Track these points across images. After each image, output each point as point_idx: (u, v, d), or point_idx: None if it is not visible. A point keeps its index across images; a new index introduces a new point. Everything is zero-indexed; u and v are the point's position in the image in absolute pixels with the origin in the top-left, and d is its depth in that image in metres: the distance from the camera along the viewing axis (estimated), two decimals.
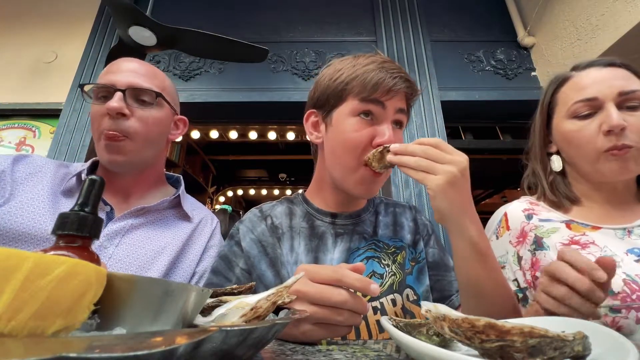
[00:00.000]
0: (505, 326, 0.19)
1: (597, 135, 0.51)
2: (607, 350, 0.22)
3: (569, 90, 0.57)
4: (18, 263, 0.15)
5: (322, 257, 0.55)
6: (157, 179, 0.69)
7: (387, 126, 0.51)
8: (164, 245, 0.60)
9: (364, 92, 0.50)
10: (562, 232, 0.54)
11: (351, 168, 0.52)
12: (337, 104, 0.54)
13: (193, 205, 0.72)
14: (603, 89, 0.51)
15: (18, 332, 0.15)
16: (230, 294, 0.33)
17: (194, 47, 1.33)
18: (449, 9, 1.98)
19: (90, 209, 0.25)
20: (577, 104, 0.53)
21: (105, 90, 0.58)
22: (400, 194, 1.53)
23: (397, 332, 0.25)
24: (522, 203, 0.63)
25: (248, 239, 0.57)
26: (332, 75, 0.55)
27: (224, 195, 4.61)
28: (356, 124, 0.51)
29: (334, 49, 1.88)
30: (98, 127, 0.57)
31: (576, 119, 0.54)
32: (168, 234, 0.62)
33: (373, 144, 0.51)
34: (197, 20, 1.89)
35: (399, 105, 0.52)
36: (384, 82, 0.49)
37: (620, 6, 1.31)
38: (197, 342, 0.14)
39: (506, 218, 0.62)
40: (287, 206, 0.63)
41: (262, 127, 3.09)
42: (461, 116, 1.84)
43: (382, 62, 0.52)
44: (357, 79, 0.51)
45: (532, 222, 0.58)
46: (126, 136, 0.57)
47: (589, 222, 0.54)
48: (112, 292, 0.19)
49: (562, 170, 0.60)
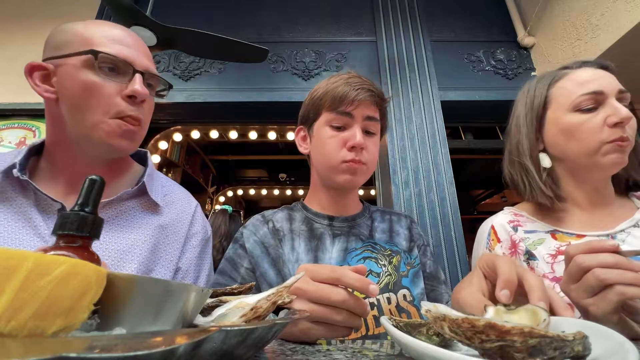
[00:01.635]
0: (505, 326, 0.19)
1: (602, 127, 0.51)
2: (607, 350, 0.22)
3: (569, 84, 0.57)
4: (18, 263, 0.15)
5: (321, 256, 0.59)
6: (122, 164, 0.58)
7: (357, 130, 0.58)
8: (129, 246, 0.50)
9: (334, 105, 0.59)
10: (548, 243, 0.55)
11: (332, 166, 0.59)
12: (316, 118, 0.63)
13: (165, 187, 0.60)
14: (606, 84, 0.53)
15: (18, 332, 0.15)
16: (230, 294, 0.33)
17: (194, 47, 1.33)
18: (449, 9, 1.98)
19: (91, 209, 0.25)
20: (582, 97, 0.54)
21: (117, 64, 0.48)
22: (400, 194, 1.53)
23: (397, 332, 0.25)
24: (507, 215, 0.64)
25: (251, 241, 0.61)
26: (311, 94, 0.64)
27: (224, 195, 4.61)
28: (330, 131, 0.60)
29: (334, 49, 1.88)
30: (105, 107, 0.47)
31: (579, 112, 0.54)
32: (133, 231, 0.51)
33: (347, 146, 0.58)
34: (197, 20, 1.89)
35: (367, 113, 0.59)
36: (348, 94, 0.57)
37: (620, 6, 1.31)
38: (197, 342, 0.14)
39: (494, 231, 0.62)
40: (287, 212, 0.67)
41: (262, 127, 3.09)
42: (461, 116, 1.84)
43: (348, 78, 0.60)
44: (327, 95, 0.60)
45: (518, 234, 0.59)
46: (141, 124, 0.51)
47: (573, 230, 0.55)
48: (112, 292, 0.19)
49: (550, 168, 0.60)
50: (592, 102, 0.53)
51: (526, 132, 0.61)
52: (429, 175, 1.57)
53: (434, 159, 1.59)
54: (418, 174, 1.57)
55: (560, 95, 0.57)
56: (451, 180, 1.56)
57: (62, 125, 0.49)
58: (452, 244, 1.45)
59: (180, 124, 2.03)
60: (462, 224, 1.50)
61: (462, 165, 3.45)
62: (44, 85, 0.48)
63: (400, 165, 1.59)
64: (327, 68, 1.84)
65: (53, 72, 0.48)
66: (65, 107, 0.48)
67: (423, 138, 1.63)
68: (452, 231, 1.47)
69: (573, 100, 0.55)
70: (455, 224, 1.49)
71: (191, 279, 0.56)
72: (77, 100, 0.47)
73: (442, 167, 1.57)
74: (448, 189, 1.54)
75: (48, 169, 0.52)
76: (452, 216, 1.50)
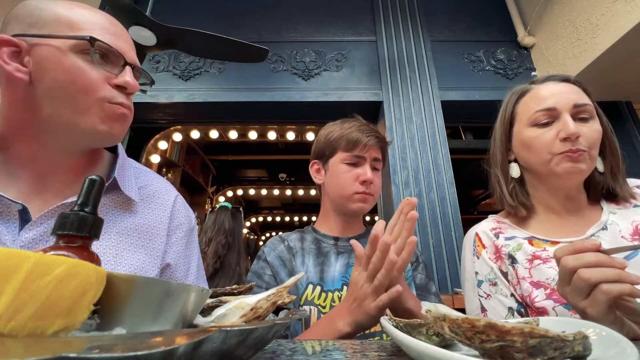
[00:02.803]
0: (505, 326, 0.19)
1: (554, 141, 0.56)
2: (607, 350, 0.22)
3: (530, 101, 0.61)
4: (18, 263, 0.15)
5: (327, 269, 0.68)
6: (91, 156, 0.52)
7: (367, 169, 0.71)
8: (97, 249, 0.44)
9: (348, 147, 0.72)
10: (526, 248, 0.58)
11: (347, 196, 0.71)
12: (331, 155, 0.75)
13: (140, 179, 0.55)
14: (560, 101, 0.57)
15: (18, 332, 0.15)
16: (230, 294, 0.33)
17: (194, 46, 1.33)
18: (449, 9, 1.98)
19: (90, 209, 0.25)
20: (537, 113, 0.58)
21: (107, 53, 0.46)
22: (400, 194, 1.53)
23: (397, 332, 0.25)
24: (490, 222, 0.67)
25: (272, 255, 0.72)
26: (327, 135, 0.76)
27: (223, 195, 4.61)
28: (345, 167, 0.72)
29: (334, 49, 1.88)
30: (98, 93, 0.44)
31: (536, 126, 0.59)
32: (104, 232, 0.46)
33: (359, 181, 0.70)
34: (197, 20, 1.89)
35: (374, 155, 0.73)
36: (361, 139, 0.71)
37: (620, 6, 1.31)
38: (197, 342, 0.14)
39: (479, 238, 0.65)
40: (299, 234, 0.78)
41: (262, 127, 3.09)
42: (461, 116, 1.84)
43: (359, 125, 0.73)
44: (343, 138, 0.73)
45: (499, 240, 0.62)
46: (131, 112, 0.50)
47: (548, 237, 0.58)
48: (112, 292, 0.19)
49: (520, 178, 0.64)
50: (546, 117, 0.57)
51: (499, 144, 0.67)
52: (429, 175, 1.57)
53: (434, 159, 1.59)
54: (418, 174, 1.57)
55: (522, 112, 0.62)
56: (451, 180, 1.56)
57: (31, 111, 0.44)
58: (452, 244, 1.46)
59: (180, 123, 2.03)
60: (462, 224, 1.50)
61: (462, 165, 3.45)
62: (14, 63, 0.43)
63: (400, 165, 1.59)
64: (327, 68, 1.84)
65: (26, 51, 0.43)
66: (44, 91, 0.43)
67: (423, 138, 1.63)
68: (452, 231, 1.47)
69: (530, 116, 0.59)
70: (456, 224, 1.49)
71: (181, 272, 0.55)
72: (62, 84, 0.43)
73: (442, 167, 1.57)
74: (448, 189, 1.54)
75: (3, 164, 0.45)
76: (452, 216, 1.50)
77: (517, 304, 0.56)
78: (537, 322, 0.28)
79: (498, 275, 0.59)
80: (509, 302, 0.56)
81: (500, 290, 0.58)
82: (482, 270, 0.61)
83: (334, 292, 0.64)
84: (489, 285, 0.59)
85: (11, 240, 0.40)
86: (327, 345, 0.34)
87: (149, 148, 2.41)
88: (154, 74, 1.78)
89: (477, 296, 0.60)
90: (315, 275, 0.67)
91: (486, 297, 0.59)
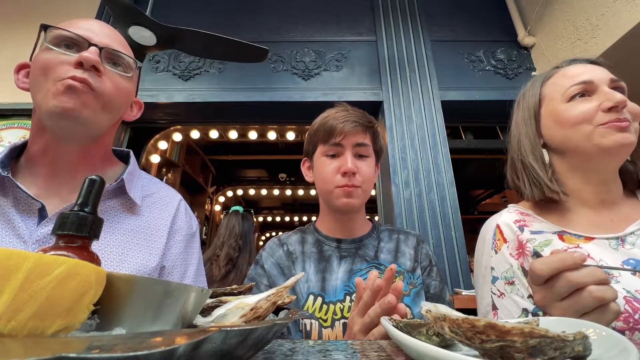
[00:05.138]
0: (505, 326, 0.19)
1: (596, 112, 0.52)
2: (607, 350, 0.22)
3: (560, 79, 0.58)
4: (18, 263, 0.15)
5: (329, 277, 0.64)
6: (102, 158, 0.57)
7: (348, 158, 0.65)
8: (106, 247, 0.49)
9: (325, 137, 0.67)
10: (556, 245, 0.53)
11: (329, 191, 0.66)
12: (314, 150, 0.71)
13: (145, 186, 0.59)
14: (596, 75, 0.54)
15: (18, 332, 0.15)
16: (230, 294, 0.33)
17: (194, 46, 1.33)
18: (449, 9, 1.98)
19: (90, 209, 0.25)
20: (573, 87, 0.55)
21: (74, 41, 0.48)
22: (400, 194, 1.53)
23: (397, 332, 0.25)
24: (512, 214, 0.61)
25: (269, 262, 0.68)
26: (309, 129, 0.72)
27: (223, 195, 4.61)
28: (326, 160, 0.67)
29: (334, 49, 1.88)
30: (54, 74, 0.46)
31: (572, 101, 0.55)
32: (111, 232, 0.50)
33: (340, 172, 0.64)
34: (197, 20, 1.89)
35: (355, 140, 0.66)
36: (335, 127, 0.65)
37: (620, 6, 1.31)
38: (197, 342, 0.14)
39: (500, 230, 0.59)
40: (300, 235, 0.74)
41: (262, 127, 3.09)
42: (461, 116, 1.84)
43: (335, 112, 0.68)
44: (319, 129, 0.68)
45: (524, 234, 0.56)
46: (93, 90, 0.48)
47: (581, 232, 0.53)
48: (111, 293, 0.19)
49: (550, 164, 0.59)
50: (584, 90, 0.54)
51: (525, 131, 0.61)
52: (429, 175, 1.57)
53: (434, 158, 1.59)
54: (418, 174, 1.57)
55: (552, 91, 0.58)
56: (451, 180, 1.56)
57: (35, 113, 0.50)
58: (452, 244, 1.45)
59: (180, 123, 2.03)
60: (462, 224, 1.50)
61: (462, 165, 3.45)
62: (23, 78, 0.52)
63: (401, 165, 1.59)
64: (327, 68, 1.84)
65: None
66: (32, 92, 0.49)
67: (423, 138, 1.63)
68: (452, 231, 1.47)
69: (565, 91, 0.55)
70: (456, 224, 1.49)
71: (177, 275, 0.55)
72: (35, 80, 0.48)
73: (442, 167, 1.57)
74: (448, 189, 1.54)
75: (26, 165, 0.51)
76: (452, 216, 1.50)
77: (533, 306, 0.50)
78: (537, 322, 0.28)
79: (517, 274, 0.54)
80: (524, 303, 0.51)
81: (517, 290, 0.53)
82: (499, 267, 0.56)
83: (335, 304, 0.60)
84: (504, 283, 0.54)
85: (28, 235, 0.44)
86: (327, 345, 0.34)
87: (148, 148, 2.41)
88: (154, 74, 1.79)
89: (490, 293, 0.56)
90: (316, 285, 0.63)
91: (499, 296, 0.54)
